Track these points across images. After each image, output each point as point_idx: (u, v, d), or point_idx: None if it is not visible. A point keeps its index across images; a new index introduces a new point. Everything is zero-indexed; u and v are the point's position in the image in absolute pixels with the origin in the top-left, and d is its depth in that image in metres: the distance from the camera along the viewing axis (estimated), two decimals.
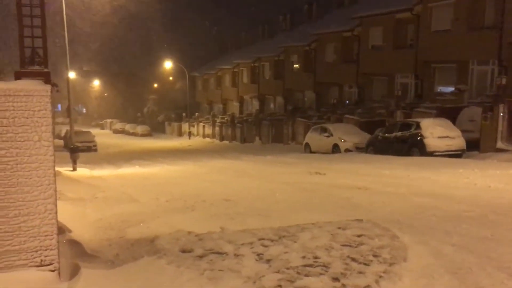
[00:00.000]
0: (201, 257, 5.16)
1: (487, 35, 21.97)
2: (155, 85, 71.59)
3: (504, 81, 19.56)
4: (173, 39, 60.60)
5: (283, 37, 44.89)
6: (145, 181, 13.58)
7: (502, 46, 21.15)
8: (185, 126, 52.92)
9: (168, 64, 55.13)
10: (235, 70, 51.16)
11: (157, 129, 61.66)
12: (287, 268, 4.73)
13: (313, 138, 23.75)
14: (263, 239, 5.78)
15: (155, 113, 68.69)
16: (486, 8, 22.61)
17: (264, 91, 45.53)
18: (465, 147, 17.51)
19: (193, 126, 50.52)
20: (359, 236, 5.85)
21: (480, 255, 5.06)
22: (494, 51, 21.58)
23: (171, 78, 65.62)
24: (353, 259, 4.96)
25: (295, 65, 40.49)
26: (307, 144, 24.15)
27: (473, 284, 4.31)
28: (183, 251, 5.36)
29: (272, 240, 5.72)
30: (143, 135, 57.67)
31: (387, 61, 28.36)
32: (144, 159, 23.15)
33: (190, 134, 49.10)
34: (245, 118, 41.89)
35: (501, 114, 17.79)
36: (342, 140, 21.55)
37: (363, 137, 21.47)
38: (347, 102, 33.00)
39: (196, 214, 7.97)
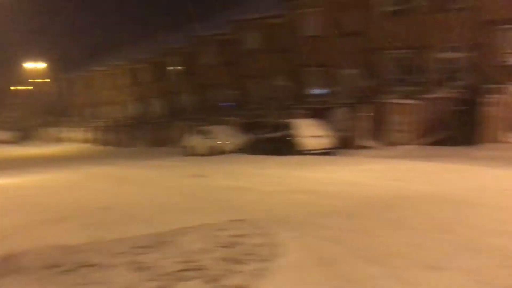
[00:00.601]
0: (68, 271, 4.82)
1: (352, 41, 23.70)
2: (31, 87, 65.95)
3: (368, 83, 21.31)
4: (45, 39, 56.55)
5: (165, 38, 44.12)
6: (12, 192, 12.43)
7: (366, 51, 22.98)
8: (60, 132, 49.61)
9: (30, 65, 51.25)
10: (113, 72, 49.14)
11: (28, 136, 56.93)
12: (163, 275, 4.61)
13: (193, 140, 23.72)
14: (139, 247, 5.58)
15: (26, 118, 63.34)
16: (351, 16, 24.37)
17: (145, 93, 44.34)
18: (335, 145, 18.75)
19: (70, 131, 47.56)
20: (237, 236, 5.92)
21: (348, 247, 5.40)
22: (359, 56, 23.37)
23: (44, 80, 61.08)
24: (230, 260, 5.00)
25: (175, 67, 40.07)
26: (188, 147, 24.03)
27: (342, 276, 4.56)
28: (48, 267, 4.96)
29: (148, 247, 5.55)
30: (9, 143, 52.82)
31: (263, 65, 29.28)
32: (12, 169, 21.19)
33: (65, 139, 46.16)
34: (125, 122, 40.49)
35: (366, 114, 19.38)
36: (222, 142, 21.81)
37: (242, 138, 21.94)
38: (227, 104, 33.45)
39: (68, 225, 7.46)
